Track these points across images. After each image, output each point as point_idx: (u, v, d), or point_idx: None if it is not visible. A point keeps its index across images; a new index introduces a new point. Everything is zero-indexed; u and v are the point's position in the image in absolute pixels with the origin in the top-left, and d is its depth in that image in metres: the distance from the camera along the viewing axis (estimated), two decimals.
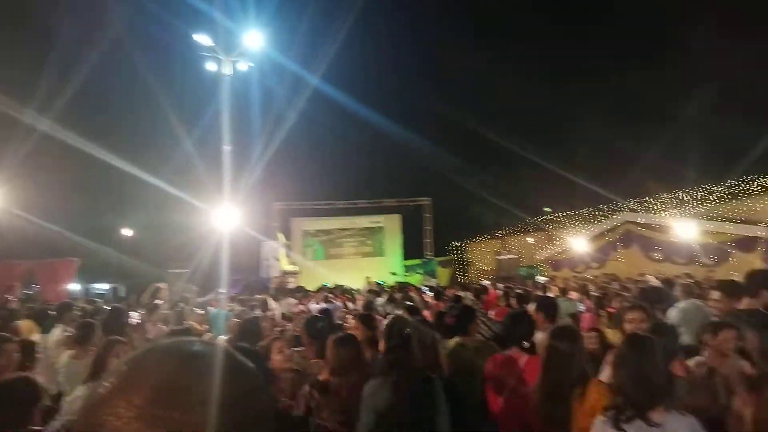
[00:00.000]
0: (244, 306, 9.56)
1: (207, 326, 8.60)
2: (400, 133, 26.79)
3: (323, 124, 28.70)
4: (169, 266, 20.31)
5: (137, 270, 20.02)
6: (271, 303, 10.57)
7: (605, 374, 3.45)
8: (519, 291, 10.38)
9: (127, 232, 27.36)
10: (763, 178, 16.23)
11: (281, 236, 24.48)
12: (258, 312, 8.03)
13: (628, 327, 3.64)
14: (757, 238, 14.97)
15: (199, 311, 9.63)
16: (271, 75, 17.65)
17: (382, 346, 4.00)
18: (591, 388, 2.78)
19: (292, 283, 19.46)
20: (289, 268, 22.54)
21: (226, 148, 13.12)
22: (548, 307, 4.65)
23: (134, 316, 8.20)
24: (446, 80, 33.67)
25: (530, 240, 24.30)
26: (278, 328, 6.92)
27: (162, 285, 8.68)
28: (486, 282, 14.83)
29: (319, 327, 4.32)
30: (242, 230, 16.73)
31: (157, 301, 9.35)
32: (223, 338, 5.71)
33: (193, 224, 17.84)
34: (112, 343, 3.75)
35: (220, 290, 11.94)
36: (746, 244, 15.18)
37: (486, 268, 26.45)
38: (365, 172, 30.06)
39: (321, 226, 27.62)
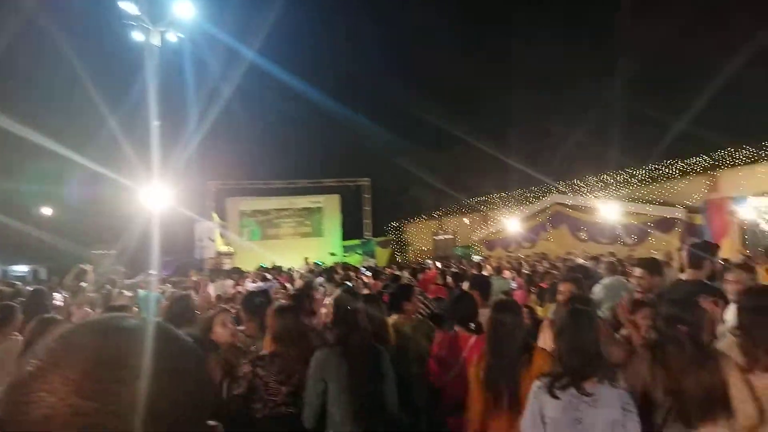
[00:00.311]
0: (176, 288, 9.27)
1: (136, 309, 8.29)
2: (339, 113, 26.64)
3: (261, 101, 28.11)
4: (94, 247, 19.34)
5: (59, 251, 18.89)
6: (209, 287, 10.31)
7: (541, 341, 3.63)
8: (455, 270, 10.70)
9: (46, 210, 25.76)
10: (681, 162, 17.37)
11: (215, 216, 23.85)
12: (192, 294, 7.78)
13: (560, 298, 3.83)
14: (674, 219, 16.04)
15: (128, 293, 9.26)
16: (204, 48, 16.93)
17: (320, 320, 4.01)
18: (536, 354, 2.93)
19: (227, 264, 19.07)
20: (225, 248, 22.06)
21: (155, 123, 12.53)
22: (483, 285, 4.79)
23: (57, 298, 7.77)
24: (388, 62, 33.69)
25: (466, 221, 24.92)
26: (213, 310, 6.76)
27: (86, 266, 8.23)
28: (429, 262, 15.06)
29: (258, 303, 4.26)
30: (174, 209, 16.13)
31: (82, 284, 8.88)
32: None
33: (121, 203, 16.99)
34: (46, 322, 3.51)
35: (151, 272, 11.50)
36: (664, 224, 16.25)
37: (424, 248, 26.92)
38: (304, 152, 29.68)
39: (258, 206, 27.10)
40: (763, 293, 2.86)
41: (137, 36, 13.28)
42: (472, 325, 3.62)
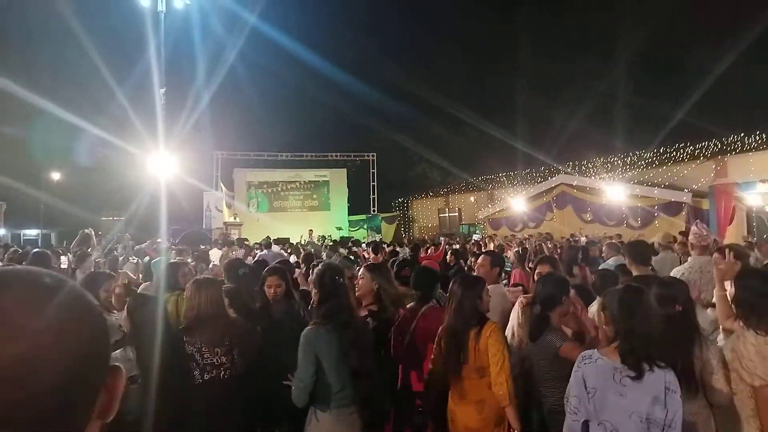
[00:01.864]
0: (182, 256, 9.39)
1: (141, 275, 8.43)
2: (349, 87, 26.40)
3: (268, 71, 27.87)
4: (103, 213, 19.58)
5: (69, 216, 19.14)
6: (213, 254, 10.44)
7: (513, 318, 3.69)
8: (456, 247, 10.76)
9: (55, 175, 25.99)
10: (690, 146, 17.14)
11: (222, 186, 23.98)
12: (190, 261, 7.90)
13: (537, 277, 3.88)
14: (681, 203, 15.91)
15: (133, 260, 9.41)
16: (212, 14, 16.73)
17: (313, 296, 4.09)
18: (486, 328, 3.00)
19: (234, 235, 19.23)
20: (232, 219, 22.22)
21: (161, 90, 12.55)
22: (501, 263, 4.85)
23: (64, 262, 7.90)
24: (400, 40, 33.30)
25: (472, 199, 24.87)
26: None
27: (88, 230, 8.35)
28: (442, 239, 15.07)
29: (241, 273, 4.24)
30: (182, 178, 16.24)
31: (88, 249, 9.03)
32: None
33: (129, 170, 17.12)
34: None
35: (158, 239, 11.65)
36: (671, 208, 16.14)
37: (429, 224, 26.97)
38: (311, 124, 29.53)
39: (265, 178, 27.15)
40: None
41: (144, 1, 13.22)
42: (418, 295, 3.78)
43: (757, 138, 15.39)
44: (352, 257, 9.79)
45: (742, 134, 15.83)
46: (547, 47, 25.29)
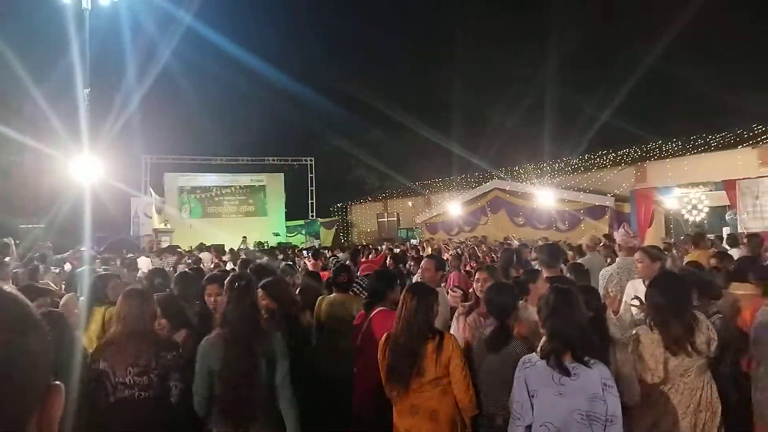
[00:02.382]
0: (108, 265, 8.96)
1: (64, 285, 7.97)
2: (286, 90, 26.08)
3: (200, 73, 27.09)
4: (21, 220, 18.30)
5: None
6: (142, 263, 10.02)
7: (453, 328, 3.75)
8: (396, 252, 10.85)
9: None
10: (612, 153, 18.19)
11: (152, 191, 23.05)
12: (119, 270, 7.56)
13: (476, 285, 3.95)
14: (604, 206, 16.83)
15: (55, 269, 8.87)
16: (140, 12, 16.01)
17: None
18: (447, 342, 2.97)
19: (165, 242, 18.52)
20: (162, 226, 21.37)
21: (84, 90, 11.92)
22: (443, 265, 4.96)
23: None
24: (336, 44, 33.30)
25: (410, 203, 25.17)
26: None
27: (9, 240, 7.81)
28: (382, 246, 15.15)
29: (156, 283, 4.10)
30: (108, 183, 15.46)
31: (6, 258, 8.44)
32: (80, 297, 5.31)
33: (51, 174, 16.11)
34: None
35: (82, 248, 11.05)
36: (595, 211, 17.02)
37: (368, 229, 27.04)
38: (247, 128, 28.82)
39: (198, 183, 26.30)
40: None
41: None
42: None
43: (674, 145, 16.54)
44: (291, 263, 9.68)
45: (660, 142, 16.97)
46: (483, 53, 26.10)
